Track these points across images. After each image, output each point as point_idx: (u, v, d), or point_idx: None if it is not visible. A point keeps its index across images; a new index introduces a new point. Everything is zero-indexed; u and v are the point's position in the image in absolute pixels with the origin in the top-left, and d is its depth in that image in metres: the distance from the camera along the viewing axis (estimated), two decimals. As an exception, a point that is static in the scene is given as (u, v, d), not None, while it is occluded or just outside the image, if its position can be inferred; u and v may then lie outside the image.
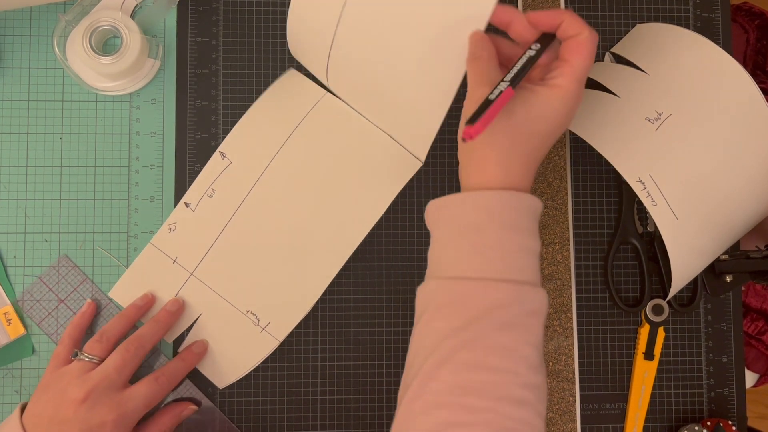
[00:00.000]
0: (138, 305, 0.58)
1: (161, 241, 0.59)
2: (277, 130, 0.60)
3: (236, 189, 0.60)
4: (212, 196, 0.59)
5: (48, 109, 0.61)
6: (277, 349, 0.60)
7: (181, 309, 0.59)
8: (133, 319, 0.57)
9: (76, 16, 0.59)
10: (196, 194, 0.60)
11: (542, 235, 0.62)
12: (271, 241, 0.59)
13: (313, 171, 0.60)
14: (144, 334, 0.56)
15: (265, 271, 0.59)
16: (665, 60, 0.56)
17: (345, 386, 0.61)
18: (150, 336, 0.56)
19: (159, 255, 0.59)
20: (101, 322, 0.59)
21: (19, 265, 0.60)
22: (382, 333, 0.61)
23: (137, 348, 0.55)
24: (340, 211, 0.60)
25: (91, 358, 0.54)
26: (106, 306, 0.59)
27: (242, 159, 0.60)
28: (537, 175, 0.63)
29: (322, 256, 0.60)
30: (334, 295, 0.61)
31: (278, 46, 0.63)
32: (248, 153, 0.60)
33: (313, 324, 0.61)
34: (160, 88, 0.62)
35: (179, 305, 0.58)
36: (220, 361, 0.59)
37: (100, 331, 0.56)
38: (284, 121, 0.61)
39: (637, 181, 0.52)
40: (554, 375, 0.61)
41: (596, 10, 0.64)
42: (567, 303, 0.62)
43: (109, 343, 0.55)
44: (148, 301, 0.58)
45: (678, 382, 0.62)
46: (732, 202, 0.54)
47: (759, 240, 0.63)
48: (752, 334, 0.73)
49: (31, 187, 0.60)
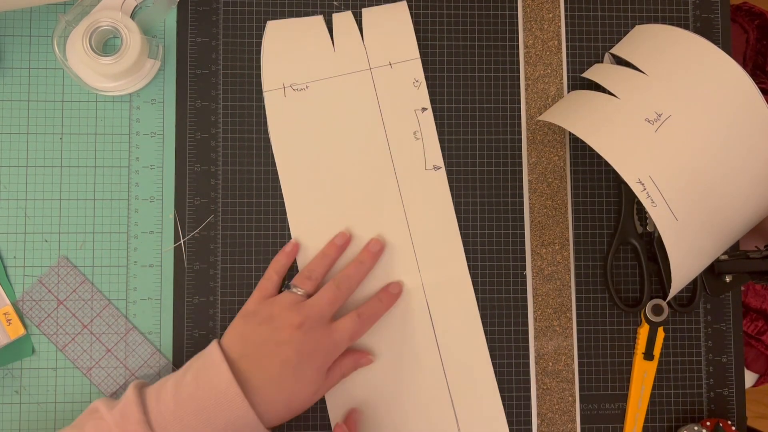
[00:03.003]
0: (337, 244, 0.60)
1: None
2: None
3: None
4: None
5: (48, 110, 0.61)
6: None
7: (382, 249, 0.61)
8: (334, 258, 0.60)
9: (76, 16, 0.59)
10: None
11: (542, 235, 0.62)
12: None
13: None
14: (351, 274, 0.59)
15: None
16: (664, 61, 0.56)
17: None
18: (356, 276, 0.59)
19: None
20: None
21: (19, 266, 0.60)
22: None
23: (347, 287, 0.58)
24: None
25: (301, 292, 0.57)
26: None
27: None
28: (537, 175, 0.63)
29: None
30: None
31: (278, 47, 0.63)
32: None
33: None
34: (160, 88, 0.62)
35: (381, 245, 0.60)
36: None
37: (307, 268, 0.59)
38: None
39: (637, 182, 0.52)
40: (554, 375, 0.61)
41: (596, 10, 0.64)
42: (567, 303, 0.62)
43: (318, 280, 0.59)
44: (346, 239, 0.60)
45: (677, 382, 0.62)
46: (732, 202, 0.54)
47: (759, 240, 0.63)
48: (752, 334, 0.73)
49: (31, 187, 0.60)
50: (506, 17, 0.64)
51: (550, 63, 0.64)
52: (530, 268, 0.62)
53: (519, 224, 0.63)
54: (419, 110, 0.62)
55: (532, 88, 0.64)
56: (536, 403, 0.61)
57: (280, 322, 0.55)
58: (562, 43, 0.64)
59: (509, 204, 0.63)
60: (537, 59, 0.64)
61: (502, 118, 0.63)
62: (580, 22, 0.64)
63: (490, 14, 0.64)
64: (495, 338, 0.61)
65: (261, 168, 0.62)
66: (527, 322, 0.62)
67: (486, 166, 0.63)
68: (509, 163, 0.63)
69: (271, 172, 0.62)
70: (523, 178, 0.63)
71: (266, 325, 0.55)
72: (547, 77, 0.64)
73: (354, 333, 0.57)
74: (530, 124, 0.63)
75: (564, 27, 0.64)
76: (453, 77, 0.63)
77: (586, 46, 0.64)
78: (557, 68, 0.64)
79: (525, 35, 0.64)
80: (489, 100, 0.63)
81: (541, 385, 0.61)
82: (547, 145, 0.63)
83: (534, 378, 0.61)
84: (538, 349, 0.62)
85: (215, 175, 0.62)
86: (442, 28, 0.64)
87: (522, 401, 0.61)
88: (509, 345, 0.62)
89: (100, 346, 0.60)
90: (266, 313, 0.56)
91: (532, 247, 0.62)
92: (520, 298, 0.62)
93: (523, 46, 0.64)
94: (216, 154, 0.62)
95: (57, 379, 0.59)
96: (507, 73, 0.64)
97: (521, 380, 0.61)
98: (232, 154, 0.62)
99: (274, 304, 0.57)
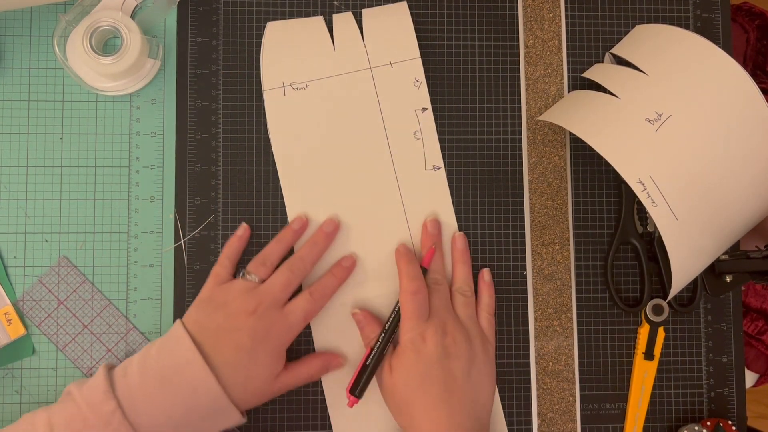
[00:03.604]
0: (294, 229, 0.60)
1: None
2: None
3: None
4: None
5: (48, 109, 0.61)
6: (277, 350, 0.60)
7: (336, 229, 0.60)
8: (290, 243, 0.60)
9: (76, 16, 0.59)
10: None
11: (542, 235, 0.62)
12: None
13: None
14: (304, 256, 0.59)
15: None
16: (665, 61, 0.56)
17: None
18: (310, 257, 0.59)
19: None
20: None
21: (20, 266, 0.60)
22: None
23: (300, 269, 0.58)
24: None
25: (255, 278, 0.57)
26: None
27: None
28: (538, 175, 0.63)
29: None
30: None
31: (278, 47, 0.63)
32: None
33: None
34: (161, 88, 0.62)
35: (335, 225, 0.60)
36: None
37: (261, 255, 0.59)
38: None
39: (637, 182, 0.52)
40: (554, 375, 0.61)
41: (596, 10, 0.64)
42: (567, 303, 0.62)
43: (272, 266, 0.58)
44: (303, 224, 0.60)
45: (678, 382, 0.62)
46: (732, 202, 0.54)
47: (759, 240, 0.63)
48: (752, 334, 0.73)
49: (31, 187, 0.60)
50: (506, 17, 0.64)
51: (550, 63, 0.64)
52: (530, 268, 0.62)
53: (519, 224, 0.63)
54: (419, 110, 0.62)
55: (533, 88, 0.64)
56: (536, 403, 0.61)
57: (233, 308, 0.55)
58: (562, 43, 0.64)
59: (509, 204, 0.63)
60: (537, 59, 0.64)
61: (502, 118, 0.63)
62: (580, 22, 0.64)
63: (490, 14, 0.64)
64: (495, 338, 0.61)
65: (261, 168, 0.62)
66: (527, 322, 0.62)
67: (486, 166, 0.63)
68: (509, 163, 0.63)
69: (272, 172, 0.62)
70: (524, 178, 0.63)
71: (221, 311, 0.56)
72: (548, 77, 0.64)
73: (308, 312, 0.57)
74: (530, 124, 0.63)
75: (564, 27, 0.64)
76: (453, 77, 0.63)
77: (587, 46, 0.64)
78: (557, 68, 0.64)
79: (525, 35, 0.64)
80: (489, 100, 0.63)
81: (541, 385, 0.61)
82: (547, 145, 0.63)
83: (534, 378, 0.61)
84: (538, 349, 0.62)
85: (215, 175, 0.62)
86: (442, 28, 0.64)
87: (522, 401, 0.61)
88: (509, 345, 0.62)
89: (101, 346, 0.60)
90: (220, 300, 0.56)
91: (532, 247, 0.62)
92: (520, 298, 0.62)
93: (523, 46, 0.64)
94: (216, 154, 0.62)
95: (57, 379, 0.59)
96: (507, 73, 0.64)
97: (521, 380, 0.61)
98: (232, 154, 0.62)
99: (228, 291, 0.57)
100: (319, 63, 0.62)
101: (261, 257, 0.58)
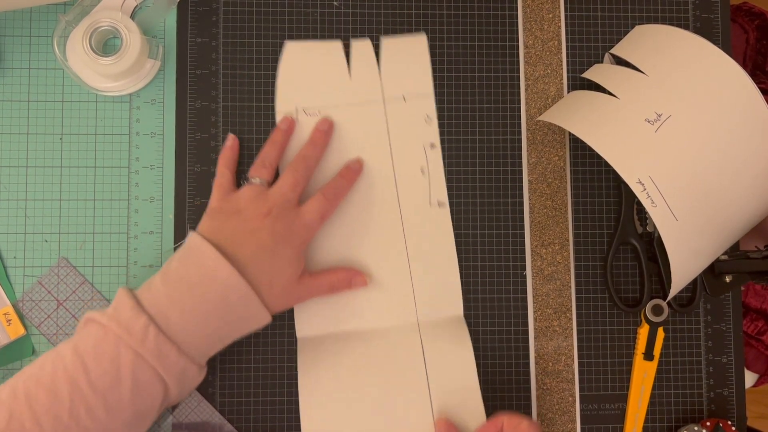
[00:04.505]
0: (282, 129, 0.60)
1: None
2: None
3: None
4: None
5: (48, 110, 0.61)
6: (276, 350, 0.60)
7: (332, 126, 0.61)
8: (283, 144, 0.60)
9: (76, 16, 0.59)
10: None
11: (542, 235, 0.62)
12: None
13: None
14: (307, 155, 0.59)
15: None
16: (664, 61, 0.56)
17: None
18: (312, 156, 0.59)
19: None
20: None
21: (19, 266, 0.60)
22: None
23: (305, 168, 0.58)
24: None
25: (261, 182, 0.58)
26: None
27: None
28: (537, 176, 0.63)
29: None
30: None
31: (278, 47, 0.63)
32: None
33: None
34: (160, 88, 0.62)
35: (329, 123, 0.61)
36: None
37: (259, 158, 0.59)
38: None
39: (637, 182, 0.52)
40: (554, 375, 0.61)
41: (596, 10, 0.64)
42: (567, 303, 0.62)
43: (272, 166, 0.59)
44: (290, 123, 0.61)
45: (677, 383, 0.62)
46: (732, 202, 0.54)
47: (759, 240, 0.63)
48: (752, 334, 0.73)
49: (31, 187, 0.60)
50: (506, 17, 0.64)
51: (550, 63, 0.64)
52: (530, 268, 0.62)
53: (519, 224, 0.63)
54: (428, 146, 0.62)
55: (532, 88, 0.64)
56: (536, 403, 0.61)
57: (248, 213, 0.55)
58: (562, 43, 0.64)
59: (509, 204, 0.63)
60: (537, 59, 0.64)
61: (502, 118, 0.63)
62: (580, 22, 0.64)
63: (490, 14, 0.64)
64: (495, 338, 0.61)
65: (261, 168, 0.62)
66: (527, 322, 0.62)
67: (486, 166, 0.63)
68: (509, 163, 0.63)
69: (271, 173, 0.62)
70: (523, 178, 0.63)
71: (235, 217, 0.55)
72: (547, 77, 0.64)
73: (323, 212, 0.57)
74: (530, 124, 0.63)
75: (564, 27, 0.64)
76: (453, 77, 0.63)
77: (586, 46, 0.64)
78: (557, 68, 0.64)
79: (525, 35, 0.64)
80: (489, 101, 0.63)
81: (541, 385, 0.61)
82: (547, 145, 0.63)
83: (534, 378, 0.61)
84: (538, 349, 0.62)
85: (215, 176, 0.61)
86: (442, 28, 0.64)
87: (522, 401, 0.61)
88: (509, 345, 0.62)
89: (100, 346, 0.59)
90: (232, 208, 0.56)
91: (532, 247, 0.62)
92: (520, 298, 0.62)
93: (523, 46, 0.64)
94: (216, 155, 0.62)
95: (57, 379, 0.59)
96: (507, 73, 0.64)
97: (521, 380, 0.61)
98: (232, 154, 0.62)
99: (239, 199, 0.57)
100: (334, 90, 0.62)
101: (259, 161, 0.59)
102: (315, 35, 0.63)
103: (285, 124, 0.61)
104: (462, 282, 0.62)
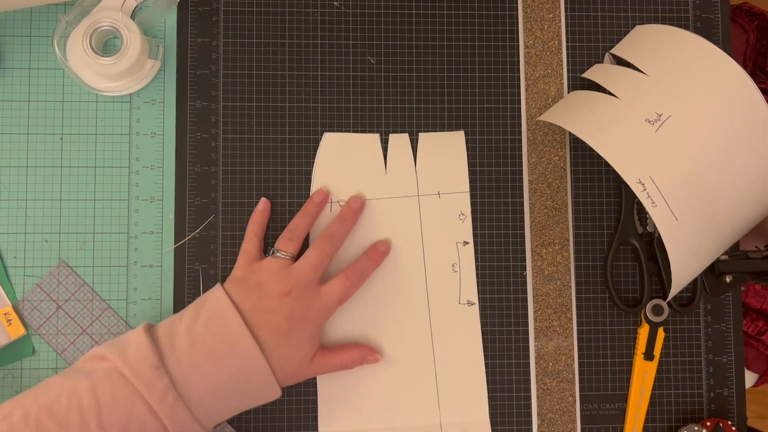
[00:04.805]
0: (316, 201, 0.60)
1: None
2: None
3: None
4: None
5: (48, 110, 0.61)
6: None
7: (363, 205, 0.61)
8: (314, 215, 0.60)
9: (76, 16, 0.59)
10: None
11: (542, 235, 0.62)
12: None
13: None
14: (334, 233, 0.58)
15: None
16: (665, 61, 0.56)
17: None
18: (339, 234, 0.59)
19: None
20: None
21: (20, 266, 0.60)
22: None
23: (330, 246, 0.58)
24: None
25: (285, 255, 0.57)
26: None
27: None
28: (537, 176, 0.63)
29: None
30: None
31: (278, 47, 0.63)
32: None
33: (313, 324, 0.61)
34: (161, 88, 0.62)
35: (361, 202, 0.61)
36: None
37: (288, 230, 0.58)
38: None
39: (637, 182, 0.52)
40: (554, 375, 0.61)
41: (596, 10, 0.64)
42: (567, 303, 0.62)
43: (299, 239, 0.58)
44: (324, 196, 0.60)
45: (678, 383, 0.62)
46: (732, 202, 0.54)
47: (759, 240, 0.63)
48: (752, 334, 0.73)
49: (31, 187, 0.60)
50: (506, 17, 0.64)
51: (550, 63, 0.64)
52: (530, 268, 0.62)
53: (519, 224, 0.63)
54: (461, 243, 0.62)
55: (532, 88, 0.64)
56: (536, 403, 0.61)
57: (268, 289, 0.55)
58: (562, 44, 0.64)
59: (509, 204, 0.63)
60: (537, 59, 0.64)
61: (502, 118, 0.63)
62: (580, 22, 0.64)
63: (490, 14, 0.64)
64: (495, 338, 0.61)
65: (261, 168, 0.62)
66: (527, 322, 0.62)
67: (486, 166, 0.63)
68: (509, 163, 0.63)
69: (271, 173, 0.62)
70: (523, 178, 0.63)
71: (255, 292, 0.55)
72: (547, 77, 0.64)
73: (343, 294, 0.57)
74: (530, 124, 0.63)
75: (564, 27, 0.64)
76: (453, 77, 0.63)
77: (586, 46, 0.64)
78: (557, 68, 0.64)
79: (525, 35, 0.64)
80: (489, 101, 0.63)
81: (541, 385, 0.61)
82: (547, 145, 0.63)
83: (534, 378, 0.61)
84: (538, 349, 0.62)
85: (215, 175, 0.62)
86: (442, 28, 0.64)
87: (522, 401, 0.61)
88: (509, 345, 0.62)
89: (101, 346, 0.59)
90: (254, 281, 0.56)
91: (532, 247, 0.62)
92: (520, 298, 0.62)
93: (523, 47, 0.64)
94: (216, 154, 0.62)
95: (57, 379, 0.59)
96: (507, 74, 0.64)
97: (521, 380, 0.61)
98: (232, 154, 0.62)
99: (261, 271, 0.57)
100: (369, 184, 0.61)
101: (288, 233, 0.58)
102: (315, 35, 0.63)
103: (319, 196, 0.60)
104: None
